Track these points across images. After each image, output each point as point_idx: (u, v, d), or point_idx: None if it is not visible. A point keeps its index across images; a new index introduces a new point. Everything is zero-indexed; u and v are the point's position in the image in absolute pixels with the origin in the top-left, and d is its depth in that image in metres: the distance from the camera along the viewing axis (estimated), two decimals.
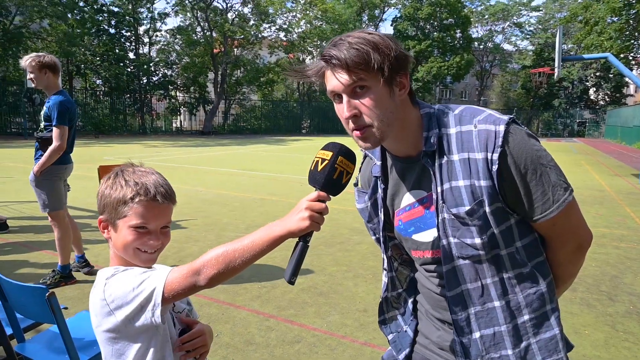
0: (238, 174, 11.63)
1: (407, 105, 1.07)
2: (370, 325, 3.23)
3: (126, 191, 1.11)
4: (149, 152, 18.82)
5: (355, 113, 1.00)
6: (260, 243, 1.00)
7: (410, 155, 1.11)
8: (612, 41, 19.30)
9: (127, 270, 1.10)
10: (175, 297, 1.03)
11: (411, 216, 1.14)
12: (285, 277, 1.00)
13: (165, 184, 1.16)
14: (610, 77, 47.84)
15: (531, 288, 1.05)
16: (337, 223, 6.30)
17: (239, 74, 40.82)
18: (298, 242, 1.02)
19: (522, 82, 53.52)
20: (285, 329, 3.14)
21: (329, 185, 1.01)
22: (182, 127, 41.67)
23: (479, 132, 1.02)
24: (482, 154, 1.00)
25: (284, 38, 42.05)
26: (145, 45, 38.29)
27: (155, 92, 37.98)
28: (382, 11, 49.13)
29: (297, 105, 45.15)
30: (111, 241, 1.17)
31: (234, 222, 6.26)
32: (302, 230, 0.98)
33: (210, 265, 1.01)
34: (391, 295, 1.30)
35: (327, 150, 1.02)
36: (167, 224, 1.16)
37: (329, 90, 1.03)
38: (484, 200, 1.01)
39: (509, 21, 55.18)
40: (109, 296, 1.05)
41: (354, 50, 0.96)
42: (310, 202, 0.99)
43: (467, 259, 1.05)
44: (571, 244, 1.08)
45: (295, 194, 8.75)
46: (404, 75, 1.02)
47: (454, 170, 1.04)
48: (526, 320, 1.05)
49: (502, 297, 1.05)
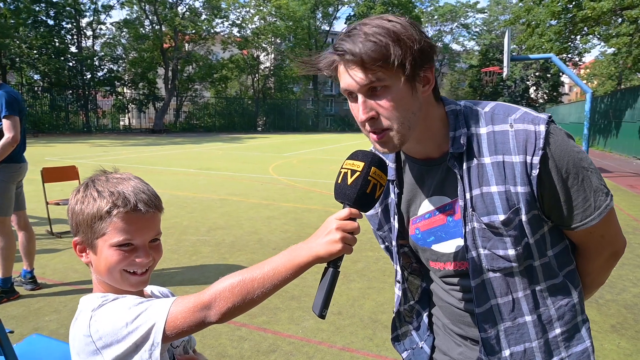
0: (194, 174, 11.22)
1: (431, 103, 0.95)
2: (347, 329, 3.15)
3: (100, 204, 0.92)
4: (96, 151, 17.79)
5: (372, 115, 0.88)
6: (283, 271, 0.84)
7: (431, 156, 1.00)
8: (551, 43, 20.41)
9: (119, 300, 0.91)
10: (179, 335, 0.86)
11: (431, 224, 1.03)
12: (315, 311, 0.85)
13: (148, 189, 0.98)
14: (548, 76, 50.85)
15: (563, 300, 0.98)
16: (302, 223, 6.19)
17: (191, 70, 39.63)
18: (327, 268, 0.87)
19: (469, 80, 55.80)
20: (259, 338, 3.00)
21: (362, 201, 0.87)
22: (130, 125, 39.85)
23: (517, 132, 0.91)
24: (521, 157, 0.90)
25: (238, 34, 41.26)
26: (89, 38, 36.26)
27: (100, 88, 36.04)
28: (336, 9, 49.39)
29: (252, 102, 44.49)
30: (92, 266, 0.97)
31: (194, 225, 5.98)
32: (333, 254, 0.83)
33: (224, 298, 0.84)
34: (403, 308, 1.20)
35: (357, 160, 0.88)
36: (156, 235, 0.98)
37: (342, 88, 0.90)
38: (521, 208, 0.91)
39: (456, 22, 57.29)
40: (95, 332, 0.86)
41: (371, 44, 0.82)
42: (341, 222, 0.84)
43: (497, 272, 0.96)
44: (606, 251, 1.01)
45: (256, 193, 8.54)
46: (429, 69, 0.90)
47: (485, 175, 0.93)
48: (558, 334, 0.98)
49: (533, 311, 0.97)
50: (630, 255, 4.82)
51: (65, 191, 7.18)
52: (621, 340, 3.08)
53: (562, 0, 18.60)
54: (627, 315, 3.46)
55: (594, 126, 23.07)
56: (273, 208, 7.11)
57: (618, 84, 34.47)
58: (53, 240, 5.24)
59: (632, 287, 4.02)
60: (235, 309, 0.85)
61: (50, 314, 3.30)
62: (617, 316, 3.44)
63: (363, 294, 3.78)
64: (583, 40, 21.55)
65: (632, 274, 4.32)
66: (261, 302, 0.87)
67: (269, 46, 43.83)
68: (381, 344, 2.96)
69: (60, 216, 6.07)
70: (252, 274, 0.85)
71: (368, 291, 3.85)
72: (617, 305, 3.63)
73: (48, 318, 3.24)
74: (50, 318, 3.24)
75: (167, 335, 0.84)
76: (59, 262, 4.47)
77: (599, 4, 16.13)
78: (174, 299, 0.88)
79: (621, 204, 7.97)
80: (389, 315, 3.39)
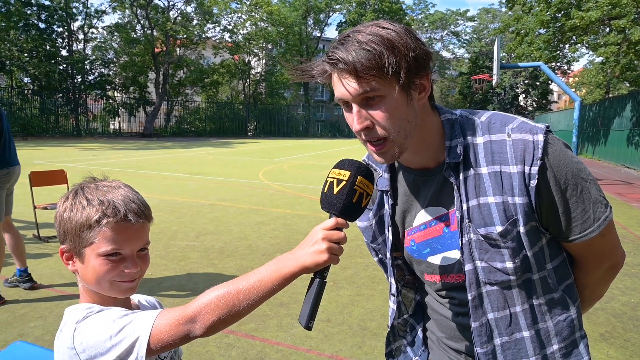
0: (184, 179, 11.14)
1: (427, 111, 0.94)
2: (335, 337, 3.12)
3: (90, 212, 0.91)
4: (85, 155, 17.60)
5: (367, 125, 0.86)
6: (269, 282, 0.83)
7: (427, 167, 0.99)
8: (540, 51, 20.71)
9: (103, 312, 0.89)
10: (163, 349, 0.84)
11: (427, 236, 1.01)
12: (302, 322, 0.84)
13: (138, 199, 0.97)
14: (538, 84, 51.53)
15: (561, 314, 0.96)
16: (292, 229, 6.17)
17: (182, 74, 39.51)
18: (313, 278, 0.86)
19: (459, 88, 56.30)
20: (246, 346, 2.96)
21: (348, 210, 0.86)
22: (120, 129, 39.56)
23: (514, 142, 0.90)
24: (519, 167, 0.89)
25: (229, 39, 41.28)
26: (80, 42, 36.00)
27: (90, 92, 35.76)
28: (327, 16, 49.67)
29: (242, 107, 44.42)
30: (78, 274, 0.96)
31: (183, 230, 5.93)
32: (319, 265, 0.83)
33: (209, 311, 0.83)
34: (397, 322, 1.17)
35: (343, 170, 0.88)
36: (144, 245, 0.97)
37: (336, 97, 0.89)
38: (519, 219, 0.90)
39: (446, 30, 57.92)
40: (79, 344, 0.84)
41: (365, 52, 0.81)
42: (327, 232, 0.84)
43: (495, 285, 0.93)
44: (605, 264, 0.99)
45: (245, 198, 8.50)
46: (425, 76, 0.88)
47: (482, 185, 0.91)
48: (555, 350, 0.95)
49: (531, 326, 0.94)
50: None
51: (53, 195, 7.08)
52: (610, 349, 3.09)
53: (551, 10, 18.90)
54: (616, 323, 3.48)
55: (583, 134, 23.40)
56: (263, 214, 7.08)
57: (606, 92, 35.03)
58: (40, 244, 5.16)
59: (621, 296, 4.05)
60: (220, 322, 0.84)
61: (35, 320, 3.24)
62: (606, 325, 3.45)
63: (352, 301, 3.76)
64: (572, 49, 21.93)
65: (620, 283, 4.36)
66: (247, 315, 0.86)
67: (260, 51, 43.91)
68: (370, 352, 2.93)
69: (48, 220, 5.98)
70: (237, 286, 0.84)
71: (357, 298, 3.83)
72: (605, 314, 3.65)
73: (33, 324, 3.18)
74: (36, 324, 3.17)
75: (151, 348, 0.83)
76: (45, 266, 4.39)
77: (587, 14, 16.41)
78: (159, 312, 0.87)
79: None
80: (378, 322, 3.37)
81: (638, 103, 16.40)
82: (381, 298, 3.83)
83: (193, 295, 3.75)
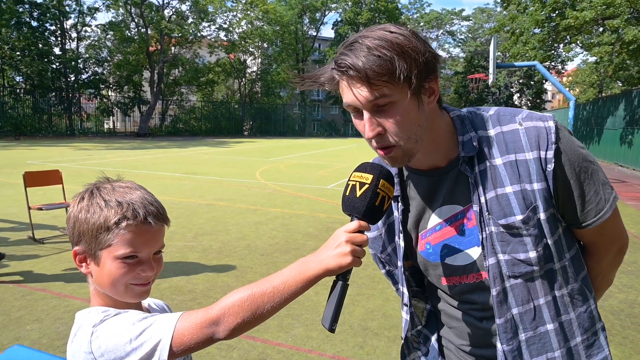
0: (180, 178, 11.08)
1: (437, 112, 0.93)
2: (337, 337, 3.11)
3: (108, 214, 0.88)
4: (79, 155, 17.47)
5: (379, 132, 0.86)
6: (293, 284, 0.83)
7: (438, 166, 0.97)
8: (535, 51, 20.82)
9: (121, 315, 0.86)
10: (185, 352, 0.82)
11: (443, 236, 0.99)
12: (325, 325, 0.84)
13: (155, 201, 0.95)
14: (532, 84, 51.81)
15: (582, 306, 0.96)
16: (290, 228, 6.15)
17: (177, 73, 39.33)
18: (336, 281, 0.86)
19: (454, 87, 56.49)
20: (247, 347, 2.94)
21: (371, 213, 0.87)
22: (115, 129, 39.32)
23: (527, 129, 0.91)
24: (535, 153, 0.89)
25: (224, 38, 41.14)
26: (73, 40, 35.74)
27: (84, 91, 35.50)
28: (323, 14, 49.62)
29: (238, 106, 44.30)
30: (91, 277, 0.93)
31: (180, 231, 5.89)
32: (343, 267, 0.82)
33: (233, 313, 0.81)
34: (411, 334, 1.15)
35: (365, 173, 0.88)
36: (160, 248, 0.96)
37: (346, 103, 0.87)
38: (539, 205, 0.90)
39: (442, 29, 58.04)
40: (97, 348, 0.82)
41: (375, 58, 0.79)
42: (350, 235, 0.83)
43: (519, 278, 0.92)
44: (614, 247, 1.00)
45: (243, 198, 8.47)
46: (434, 80, 0.87)
47: (498, 176, 0.91)
48: (579, 343, 0.95)
49: (555, 319, 0.94)
50: None
51: (47, 196, 7.01)
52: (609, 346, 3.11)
53: (545, 9, 18.99)
54: (614, 321, 3.50)
55: (577, 133, 23.54)
56: (260, 213, 7.06)
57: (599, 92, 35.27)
58: (35, 246, 5.10)
59: (619, 293, 4.08)
60: (244, 325, 0.82)
61: (31, 323, 3.20)
62: (604, 322, 3.47)
63: (353, 301, 3.75)
64: (566, 48, 22.03)
65: (617, 280, 4.38)
66: (270, 317, 0.85)
67: (256, 50, 43.80)
68: (372, 352, 2.93)
69: (43, 221, 5.92)
70: (261, 288, 0.83)
71: (357, 298, 3.82)
72: (604, 312, 3.66)
73: (29, 327, 3.14)
74: (32, 327, 3.14)
75: (173, 352, 0.81)
76: (41, 268, 4.34)
77: (582, 14, 16.50)
78: (181, 314, 0.85)
79: None
80: (379, 322, 3.37)
81: (631, 102, 16.52)
82: (381, 297, 3.82)
83: (192, 296, 3.72)
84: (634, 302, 3.87)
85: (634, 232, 6.41)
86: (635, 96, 16.23)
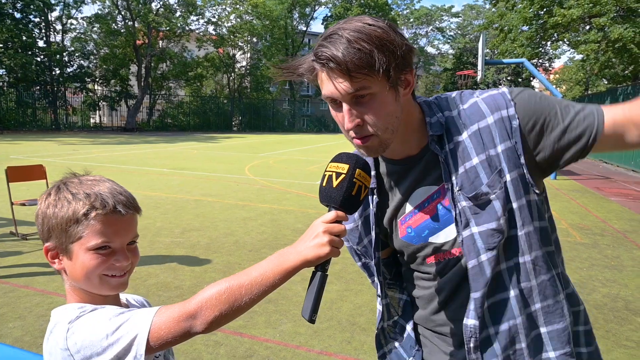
0: (168, 174, 10.98)
1: (411, 103, 0.96)
2: (325, 332, 3.12)
3: (76, 206, 0.87)
4: (65, 150, 17.20)
5: (358, 123, 0.88)
6: (271, 276, 0.83)
7: (411, 154, 1.00)
8: (523, 48, 21.00)
9: (98, 311, 0.85)
10: (163, 347, 0.82)
11: (422, 218, 1.01)
12: (305, 315, 0.85)
13: (125, 191, 0.94)
14: (520, 81, 52.26)
15: (546, 274, 0.96)
16: (279, 224, 6.13)
17: (165, 67, 38.85)
18: (315, 271, 0.87)
19: (444, 83, 56.77)
20: (235, 343, 2.93)
21: (348, 203, 0.88)
22: (101, 123, 38.76)
23: (484, 99, 0.95)
24: (495, 116, 0.93)
25: (213, 32, 40.73)
26: (58, 33, 35.03)
27: (70, 85, 34.89)
28: (312, 9, 49.38)
29: (227, 101, 43.96)
30: (65, 273, 0.92)
31: (167, 226, 5.83)
32: (321, 258, 0.83)
33: (210, 307, 0.81)
34: (387, 324, 1.16)
35: (341, 163, 0.89)
36: (134, 238, 0.94)
37: (324, 95, 0.88)
38: (503, 168, 0.92)
39: (432, 25, 58.20)
40: (73, 344, 0.81)
41: (355, 51, 0.81)
42: (328, 225, 0.84)
43: (494, 250, 0.92)
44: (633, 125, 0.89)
45: (231, 193, 8.42)
46: (409, 72, 0.90)
47: (465, 150, 0.94)
48: (538, 309, 0.95)
49: (516, 285, 0.95)
50: (599, 256, 4.97)
51: (31, 191, 6.89)
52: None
53: (533, 7, 19.14)
54: (597, 315, 3.55)
55: None
56: (249, 209, 7.02)
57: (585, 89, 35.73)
58: (18, 242, 5.01)
59: (602, 287, 4.14)
60: (222, 318, 0.82)
61: (14, 321, 3.14)
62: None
63: (341, 297, 3.75)
64: (553, 46, 22.25)
65: (601, 275, 4.45)
66: (248, 309, 0.84)
67: (245, 45, 43.46)
68: (359, 347, 2.94)
69: (26, 217, 5.82)
70: (239, 281, 0.83)
71: (346, 293, 3.83)
72: (587, 306, 3.70)
73: (12, 325, 3.08)
74: (14, 325, 3.08)
75: (150, 346, 0.81)
76: (24, 265, 4.27)
77: (569, 11, 16.67)
78: (158, 309, 0.85)
79: (589, 205, 8.24)
80: (367, 317, 3.37)
81: (616, 99, 16.78)
82: (370, 293, 3.83)
83: (179, 292, 3.69)
84: (617, 296, 3.94)
85: (617, 228, 6.52)
86: (620, 94, 16.49)
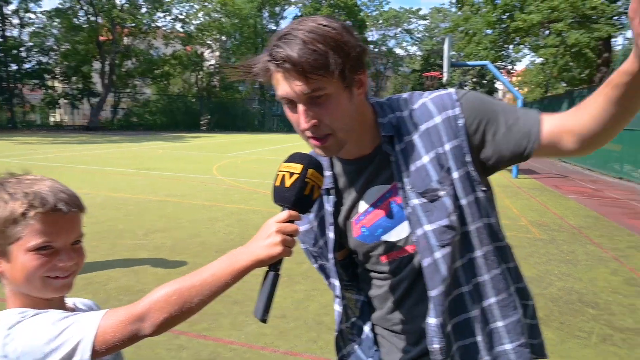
0: (132, 174, 10.67)
1: (364, 103, 0.98)
2: (291, 332, 3.11)
3: (14, 206, 0.83)
4: (22, 149, 16.44)
5: (314, 123, 0.89)
6: (222, 276, 0.82)
7: (364, 154, 1.02)
8: (487, 51, 21.64)
9: (40, 315, 0.81)
10: (110, 351, 0.79)
11: (376, 217, 1.02)
12: (257, 315, 0.85)
13: (67, 189, 0.91)
14: (484, 83, 53.80)
15: (497, 268, 0.99)
16: (246, 224, 6.08)
17: (130, 64, 37.76)
18: (268, 271, 0.86)
19: (412, 84, 57.74)
20: (198, 346, 2.88)
21: (301, 203, 0.88)
22: (62, 122, 37.28)
23: (432, 99, 0.99)
24: (442, 116, 0.96)
25: (181, 29, 39.91)
26: (15, 27, 33.45)
27: (27, 81, 33.36)
28: (282, 9, 49.20)
29: (195, 100, 43.16)
30: (5, 277, 0.88)
31: (130, 228, 5.67)
32: (274, 257, 0.83)
33: (159, 309, 0.80)
34: (345, 326, 1.17)
35: (294, 163, 0.89)
36: (78, 237, 0.91)
37: (279, 95, 0.88)
38: (451, 166, 0.95)
39: (400, 27, 59.12)
40: (12, 351, 0.77)
41: (310, 52, 0.82)
42: (280, 225, 0.84)
43: (448, 247, 0.94)
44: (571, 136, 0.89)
45: (198, 194, 8.28)
46: (363, 72, 0.92)
47: (415, 149, 0.97)
48: (493, 303, 0.98)
49: (470, 281, 0.97)
50: (556, 251, 5.19)
51: None
52: (547, 331, 3.29)
53: (496, 11, 19.75)
54: (553, 307, 3.71)
55: None
56: (216, 209, 6.93)
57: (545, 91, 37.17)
58: None
59: (557, 281, 4.32)
60: (171, 319, 0.81)
61: None
62: (544, 309, 3.67)
63: (307, 296, 3.76)
64: (515, 49, 23.04)
65: (557, 269, 4.64)
66: (200, 310, 0.83)
67: (213, 43, 42.81)
68: (324, 346, 2.95)
69: None
70: (189, 282, 0.82)
71: (312, 293, 3.83)
72: (544, 299, 3.87)
73: None
74: None
75: (96, 350, 0.78)
76: None
77: (529, 17, 17.30)
78: (104, 312, 0.82)
79: (547, 203, 8.58)
80: (333, 317, 3.38)
81: (573, 101, 17.54)
82: None
83: (141, 296, 3.56)
84: (572, 290, 4.12)
85: (573, 224, 6.81)
86: (577, 96, 17.25)
